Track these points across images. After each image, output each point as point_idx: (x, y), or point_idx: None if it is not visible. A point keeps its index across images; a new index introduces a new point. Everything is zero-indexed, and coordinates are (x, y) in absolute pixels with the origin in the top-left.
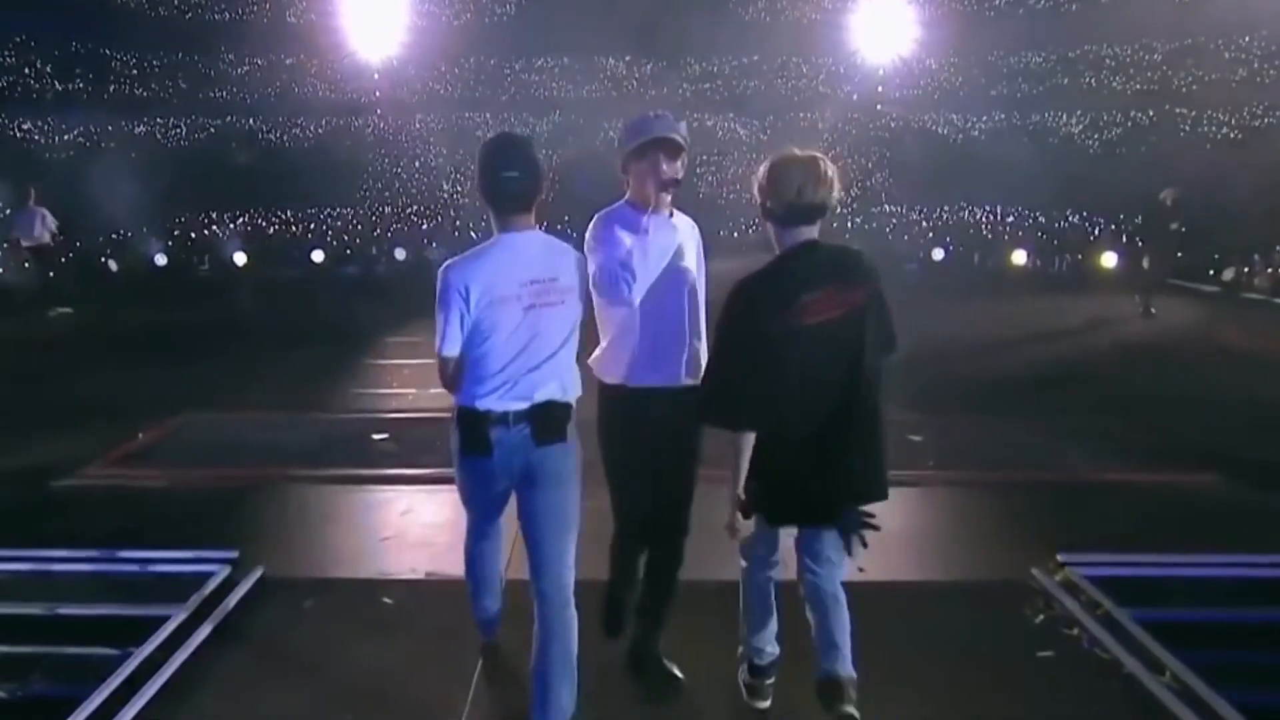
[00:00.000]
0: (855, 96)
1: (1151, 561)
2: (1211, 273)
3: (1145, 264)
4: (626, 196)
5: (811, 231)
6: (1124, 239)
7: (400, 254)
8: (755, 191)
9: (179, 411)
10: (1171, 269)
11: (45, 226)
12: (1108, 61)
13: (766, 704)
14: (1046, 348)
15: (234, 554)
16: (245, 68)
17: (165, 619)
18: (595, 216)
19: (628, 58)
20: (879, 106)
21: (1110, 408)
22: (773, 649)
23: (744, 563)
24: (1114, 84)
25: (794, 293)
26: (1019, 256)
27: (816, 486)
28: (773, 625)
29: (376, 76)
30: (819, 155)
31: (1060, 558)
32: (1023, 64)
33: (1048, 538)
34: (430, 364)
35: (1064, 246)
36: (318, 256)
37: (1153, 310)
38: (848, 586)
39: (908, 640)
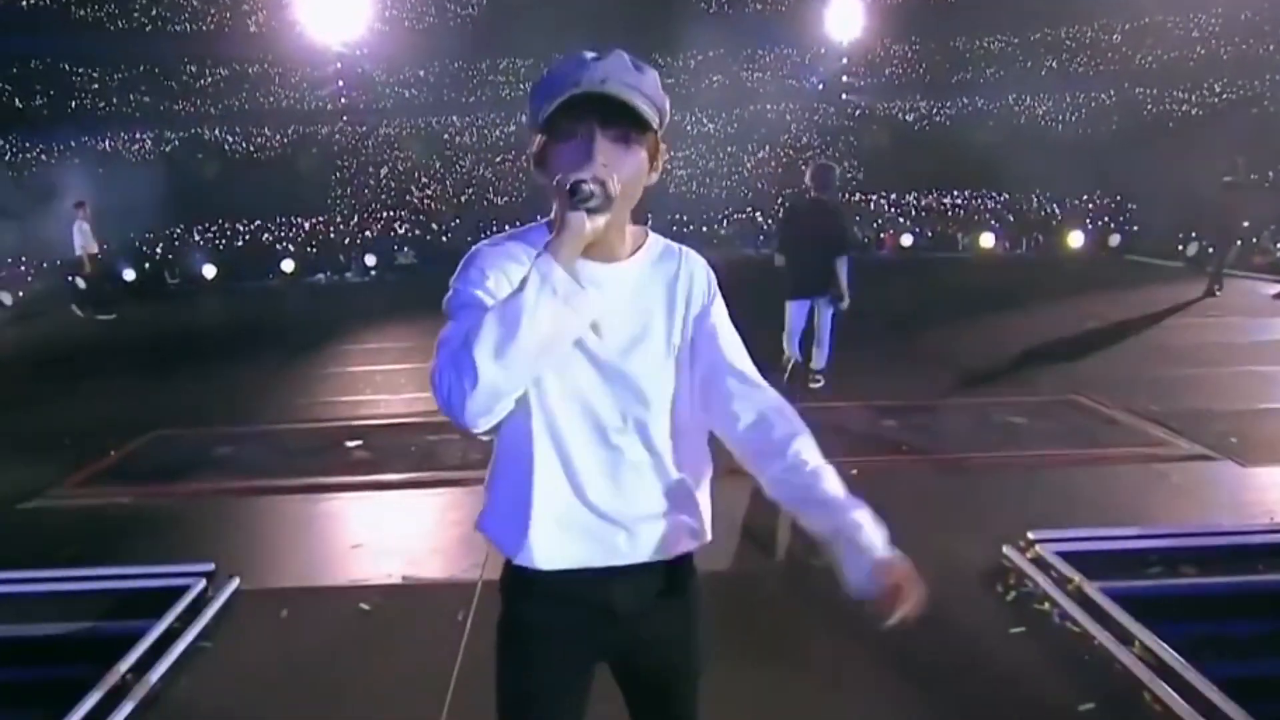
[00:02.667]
0: (821, 86)
1: (1121, 535)
2: (1180, 248)
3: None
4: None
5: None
6: (1088, 219)
7: (370, 260)
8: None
9: (149, 428)
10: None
11: (89, 237)
12: (1068, 44)
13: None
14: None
15: (209, 567)
16: (208, 78)
17: (143, 634)
18: (495, 238)
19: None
20: (844, 96)
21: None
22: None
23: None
24: (1075, 66)
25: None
26: (987, 239)
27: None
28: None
29: (341, 83)
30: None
31: (1031, 535)
32: (984, 49)
33: (1021, 516)
34: (400, 369)
35: (1031, 228)
36: (288, 266)
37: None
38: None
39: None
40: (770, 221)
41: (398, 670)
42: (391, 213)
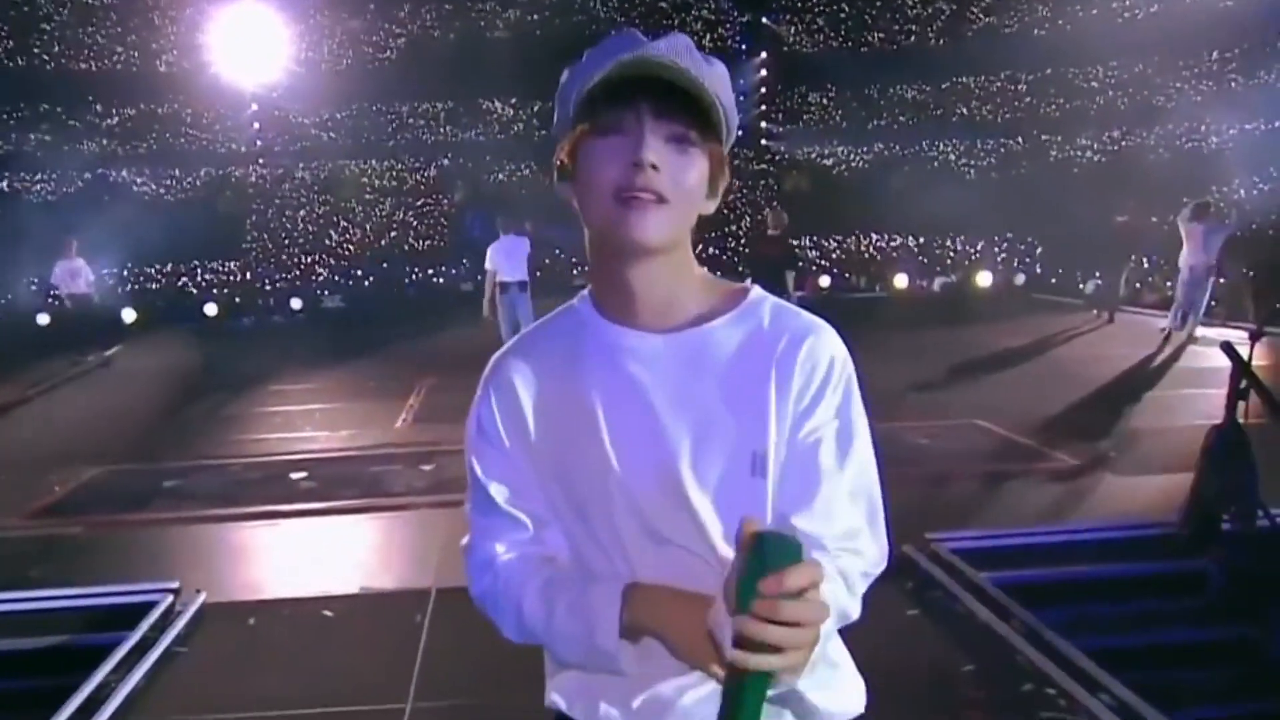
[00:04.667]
0: (740, 133)
1: (1006, 534)
2: (1080, 286)
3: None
4: (588, 288)
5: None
6: (997, 260)
7: (296, 304)
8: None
9: (89, 463)
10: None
11: (81, 277)
12: (977, 92)
13: None
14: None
15: (174, 584)
16: (114, 118)
17: (118, 644)
18: (512, 341)
19: (513, 100)
20: (764, 141)
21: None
22: None
23: None
24: (984, 113)
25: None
26: (901, 280)
27: None
28: None
29: (256, 125)
30: None
31: (928, 535)
32: (899, 96)
33: (922, 523)
34: (337, 407)
35: (943, 268)
36: (210, 309)
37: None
38: None
39: None
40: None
41: (364, 663)
42: (311, 257)
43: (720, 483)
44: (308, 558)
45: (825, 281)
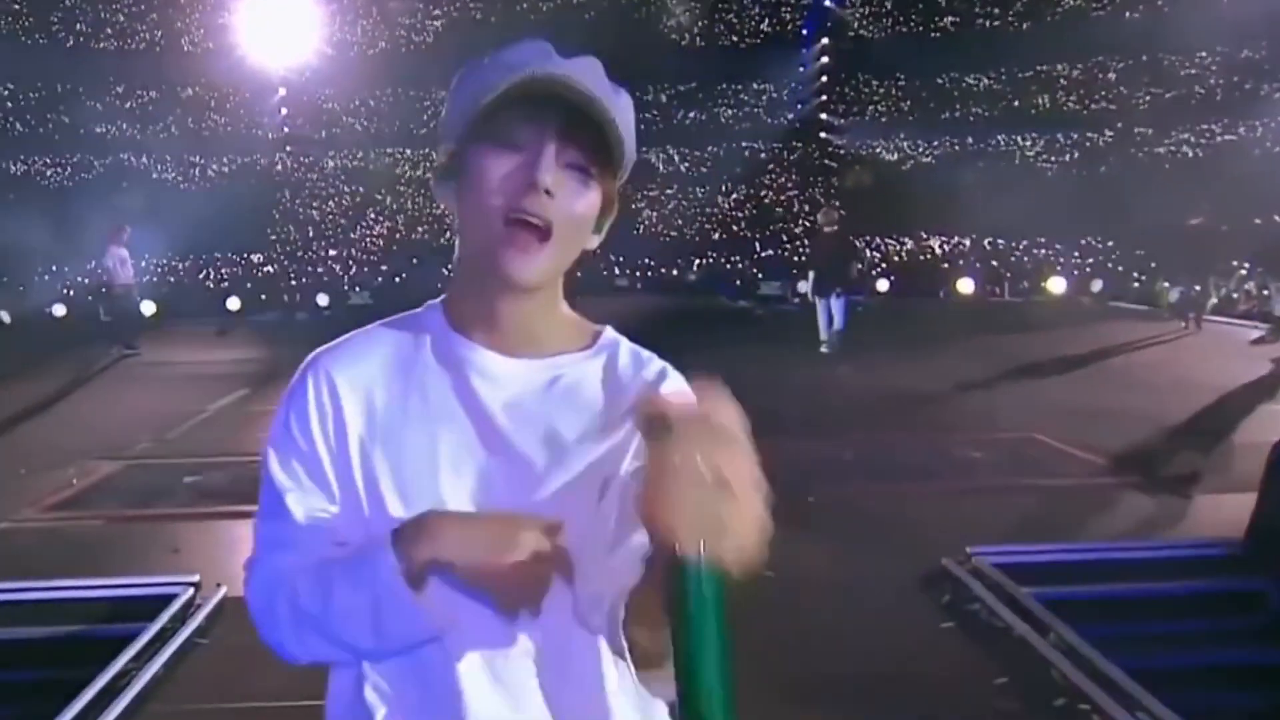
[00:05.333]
0: (798, 125)
1: (1052, 550)
2: (1165, 293)
3: None
4: (446, 291)
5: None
6: (1077, 266)
7: (323, 300)
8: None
9: (106, 457)
10: None
11: (124, 267)
12: (1060, 81)
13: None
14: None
15: (195, 577)
16: (136, 101)
17: (138, 634)
18: (340, 339)
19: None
20: (823, 134)
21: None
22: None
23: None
24: (1067, 104)
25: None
26: (966, 285)
27: None
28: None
29: (284, 111)
30: None
31: (969, 550)
32: (973, 87)
33: (967, 537)
34: None
35: (1013, 273)
36: (233, 304)
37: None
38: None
39: (833, 621)
40: (743, 264)
41: None
42: (339, 250)
43: (566, 507)
44: None
45: (883, 286)
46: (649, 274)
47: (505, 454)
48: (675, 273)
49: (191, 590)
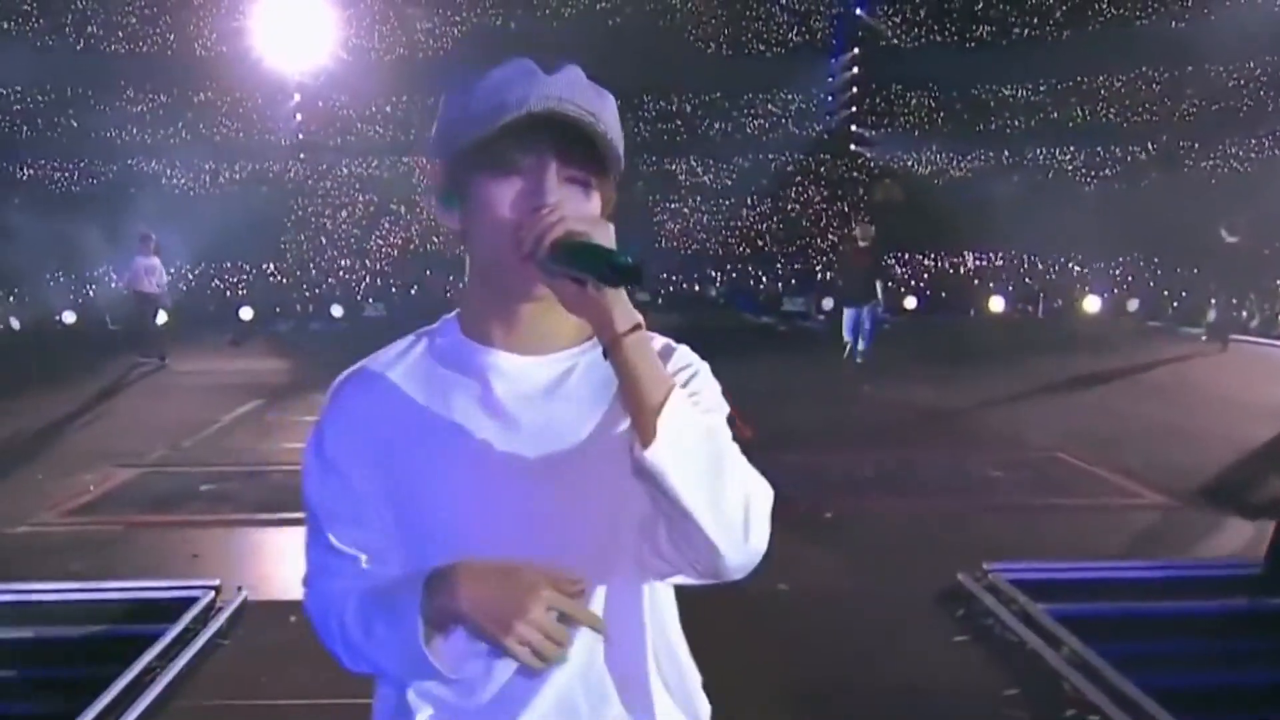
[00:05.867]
0: (826, 136)
1: (1069, 567)
2: (1208, 311)
3: None
4: (459, 303)
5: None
6: (1115, 283)
7: (337, 311)
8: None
9: (119, 463)
10: None
11: (155, 276)
12: (1102, 93)
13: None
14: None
15: (216, 581)
16: (147, 104)
17: (160, 635)
18: (360, 363)
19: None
20: (853, 147)
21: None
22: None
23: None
24: (1109, 116)
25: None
26: (996, 303)
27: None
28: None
29: (299, 116)
30: None
31: (986, 565)
32: (1010, 98)
33: (985, 554)
34: None
35: (1046, 291)
36: (246, 313)
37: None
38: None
39: (844, 632)
40: (766, 280)
41: None
42: (353, 260)
43: (594, 487)
44: None
45: (911, 303)
46: (670, 288)
47: (528, 447)
48: (697, 288)
49: (212, 594)
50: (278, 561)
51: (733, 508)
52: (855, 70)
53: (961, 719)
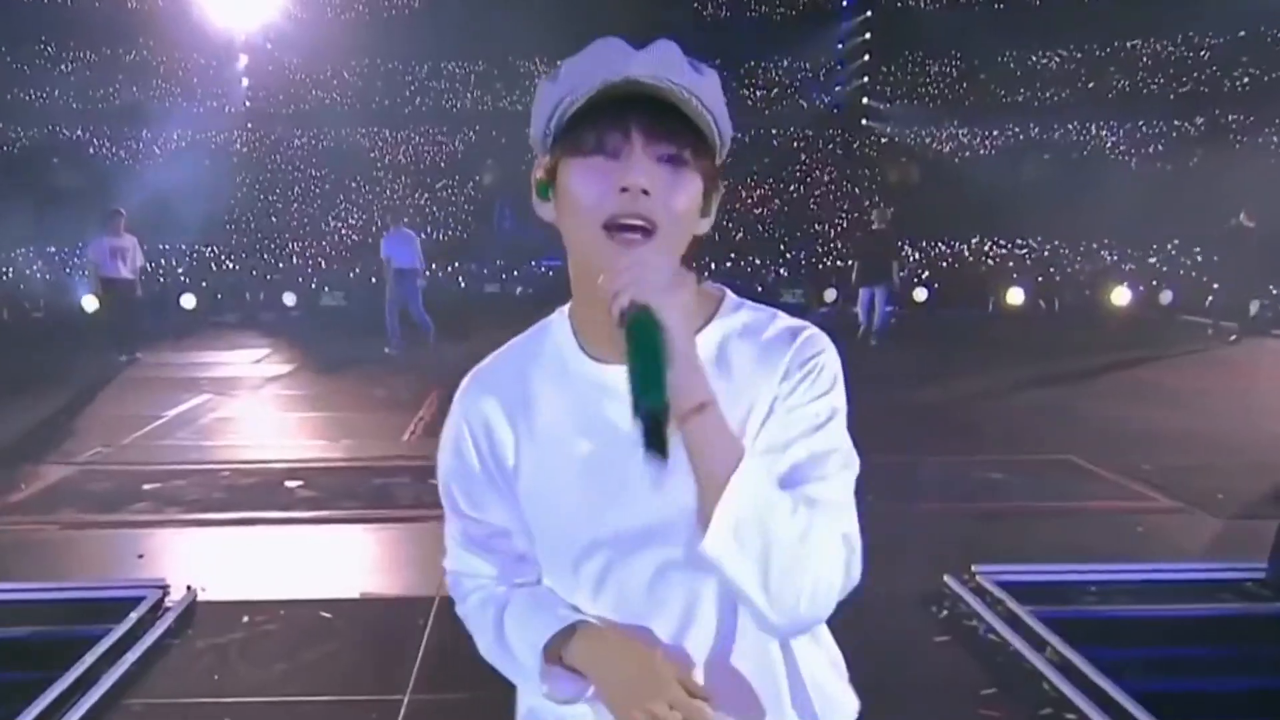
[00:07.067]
0: (835, 109)
1: (1058, 570)
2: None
3: None
4: (568, 307)
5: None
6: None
7: (290, 299)
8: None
9: (55, 464)
10: None
11: (122, 259)
12: (1144, 60)
13: None
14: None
15: (163, 580)
16: (70, 63)
17: (104, 635)
18: (487, 361)
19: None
20: (864, 121)
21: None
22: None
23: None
24: (1152, 87)
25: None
26: (1015, 295)
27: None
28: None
29: (246, 81)
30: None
31: (974, 568)
32: (1041, 66)
33: (978, 558)
34: (338, 416)
35: (1071, 281)
36: (188, 302)
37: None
38: None
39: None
40: (766, 268)
41: (363, 658)
42: (303, 244)
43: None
44: (303, 564)
45: (921, 295)
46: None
47: (635, 458)
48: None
49: (160, 593)
50: (228, 562)
51: (787, 592)
52: (868, 35)
53: (935, 716)
